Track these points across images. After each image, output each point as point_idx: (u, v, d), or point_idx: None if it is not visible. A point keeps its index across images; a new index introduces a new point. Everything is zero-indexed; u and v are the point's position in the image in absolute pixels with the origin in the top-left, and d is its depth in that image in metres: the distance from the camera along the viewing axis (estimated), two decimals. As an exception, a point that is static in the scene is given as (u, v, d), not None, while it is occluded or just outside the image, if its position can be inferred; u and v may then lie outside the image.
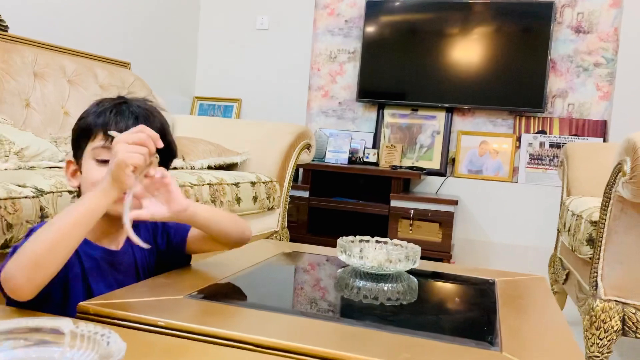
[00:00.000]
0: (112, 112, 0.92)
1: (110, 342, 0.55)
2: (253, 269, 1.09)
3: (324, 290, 1.04)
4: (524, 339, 0.78)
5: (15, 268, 0.76)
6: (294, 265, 1.24)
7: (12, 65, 1.88)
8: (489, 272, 1.21)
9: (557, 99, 3.20)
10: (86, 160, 0.92)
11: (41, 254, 0.76)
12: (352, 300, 0.97)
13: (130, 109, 0.93)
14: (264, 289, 1.01)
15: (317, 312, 0.88)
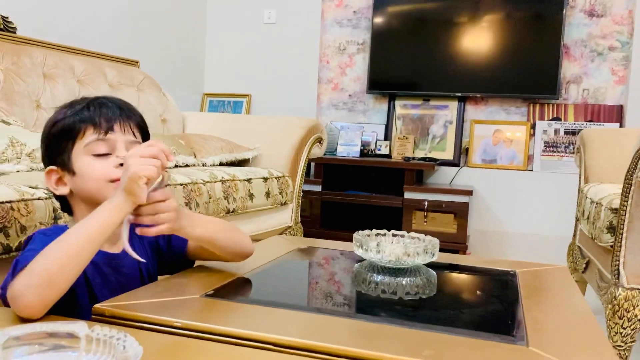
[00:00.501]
0: (94, 107, 0.91)
1: (126, 346, 0.53)
2: (268, 266, 1.08)
3: (341, 286, 1.02)
4: (550, 331, 0.76)
5: (26, 287, 0.73)
6: (310, 262, 1.22)
7: (22, 67, 1.87)
8: (508, 263, 1.19)
9: (571, 84, 3.14)
10: (80, 159, 0.90)
11: (54, 272, 0.74)
12: (370, 295, 0.95)
13: (110, 101, 0.94)
14: (280, 286, 1.00)
15: (335, 309, 0.86)
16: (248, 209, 1.99)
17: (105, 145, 0.90)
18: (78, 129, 0.90)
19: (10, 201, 1.14)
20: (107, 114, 0.91)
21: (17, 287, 0.73)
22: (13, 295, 0.73)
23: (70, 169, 0.91)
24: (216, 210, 1.80)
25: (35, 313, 0.73)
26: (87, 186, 0.90)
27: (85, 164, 0.90)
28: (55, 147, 0.92)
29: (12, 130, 1.56)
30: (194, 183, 1.71)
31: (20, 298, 0.72)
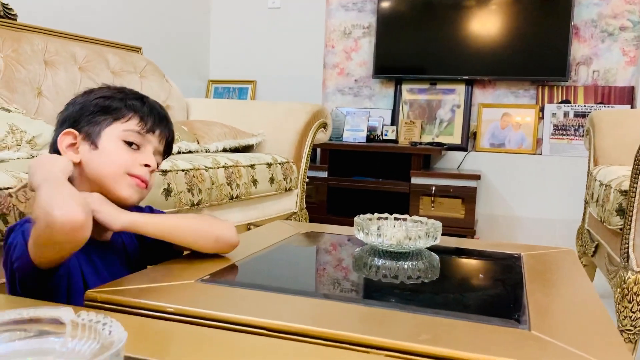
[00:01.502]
0: (147, 105, 0.95)
1: (112, 331, 0.52)
2: (268, 250, 1.06)
3: (341, 270, 1.00)
4: (554, 315, 0.74)
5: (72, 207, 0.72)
6: (310, 246, 1.21)
7: (22, 54, 1.86)
8: (514, 246, 1.16)
9: (581, 66, 3.08)
10: (111, 139, 0.91)
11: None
12: (371, 279, 0.93)
13: (160, 108, 0.98)
14: (278, 271, 0.98)
15: (333, 293, 0.84)
16: (252, 195, 1.97)
17: (140, 140, 0.93)
18: (124, 113, 0.93)
19: (8, 188, 1.13)
20: (155, 118, 0.95)
21: (59, 208, 0.70)
22: (61, 219, 0.70)
23: (94, 142, 0.91)
24: (219, 196, 1.78)
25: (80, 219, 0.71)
26: (104, 167, 0.90)
27: (114, 146, 0.91)
28: (89, 116, 0.93)
29: (13, 117, 1.54)
30: (196, 169, 1.69)
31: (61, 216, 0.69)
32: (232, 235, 0.96)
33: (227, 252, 0.97)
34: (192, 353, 0.59)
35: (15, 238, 0.80)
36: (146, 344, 0.61)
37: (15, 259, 0.77)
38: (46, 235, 0.71)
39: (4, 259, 0.84)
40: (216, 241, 0.94)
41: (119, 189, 0.90)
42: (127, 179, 0.90)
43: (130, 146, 0.92)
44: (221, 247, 0.95)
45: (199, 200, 1.68)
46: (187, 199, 1.63)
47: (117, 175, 0.90)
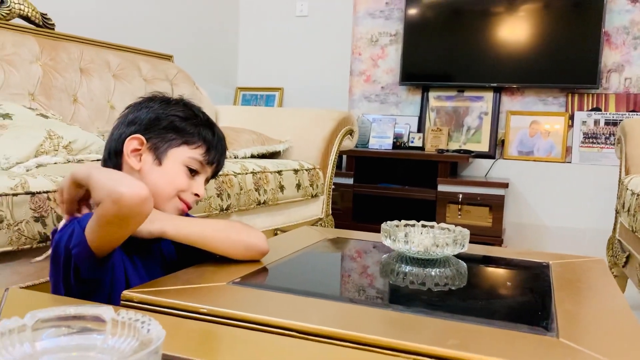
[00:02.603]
0: (217, 137, 1.01)
1: (150, 329, 0.54)
2: (296, 255, 1.08)
3: (368, 276, 1.01)
4: (583, 323, 0.74)
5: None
6: (338, 251, 1.22)
7: (60, 62, 1.92)
8: (542, 254, 1.16)
9: (612, 73, 3.03)
10: (175, 160, 0.96)
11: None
12: (398, 286, 0.94)
13: (222, 141, 1.03)
14: (307, 275, 1.00)
15: (361, 298, 0.85)
16: (279, 201, 2.00)
17: (200, 169, 0.98)
18: (195, 140, 0.97)
19: (47, 191, 1.17)
20: (219, 151, 1.01)
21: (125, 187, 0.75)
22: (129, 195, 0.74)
23: (159, 157, 0.95)
24: (247, 201, 1.81)
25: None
26: (161, 184, 0.94)
27: (178, 169, 0.96)
28: (162, 130, 0.96)
29: (50, 123, 1.60)
30: (225, 175, 1.72)
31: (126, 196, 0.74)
32: (262, 243, 0.97)
33: (257, 259, 0.98)
34: (225, 352, 0.61)
35: (68, 228, 0.83)
36: (181, 343, 0.63)
37: (73, 246, 0.81)
38: (113, 212, 0.75)
39: (51, 256, 0.87)
40: (246, 249, 0.96)
41: (165, 208, 0.95)
42: (175, 201, 0.96)
43: (190, 172, 0.97)
44: (251, 254, 0.97)
45: (227, 205, 1.71)
46: (216, 204, 1.66)
47: (170, 196, 0.95)
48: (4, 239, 1.08)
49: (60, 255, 0.84)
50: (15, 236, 1.10)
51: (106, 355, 0.54)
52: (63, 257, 0.83)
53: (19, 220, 1.10)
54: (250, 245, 0.96)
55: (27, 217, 1.12)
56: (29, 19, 1.95)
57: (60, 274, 0.84)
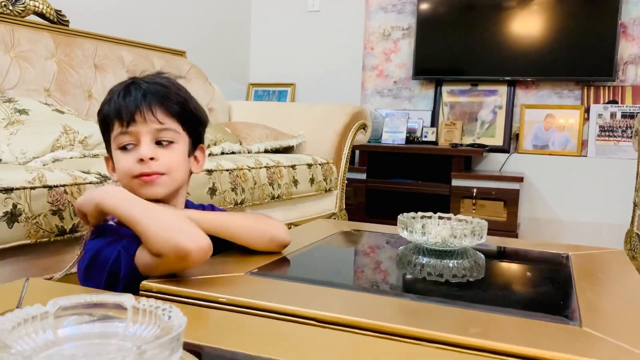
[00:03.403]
0: (121, 95, 0.90)
1: (171, 316, 0.54)
2: (313, 246, 1.07)
3: (385, 267, 1.01)
4: (605, 313, 0.73)
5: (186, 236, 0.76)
6: (354, 243, 1.22)
7: (74, 59, 1.94)
8: (561, 246, 1.14)
9: (629, 65, 2.99)
10: (114, 152, 0.93)
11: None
12: (416, 277, 0.94)
13: (138, 86, 0.91)
14: (324, 265, 1.00)
15: (380, 288, 0.85)
16: (293, 195, 1.99)
17: (128, 138, 0.90)
18: (109, 123, 0.91)
19: (64, 185, 1.18)
20: (129, 103, 0.88)
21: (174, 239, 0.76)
22: (175, 250, 0.75)
23: (113, 160, 0.95)
24: (261, 196, 1.81)
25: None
26: (120, 180, 0.93)
27: (116, 157, 0.92)
28: (103, 138, 0.97)
29: (66, 118, 1.61)
30: (239, 169, 1.72)
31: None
32: (285, 235, 0.97)
33: (279, 250, 0.97)
34: (244, 340, 0.60)
35: (112, 251, 0.83)
36: (201, 331, 0.64)
37: (123, 275, 0.82)
38: (180, 266, 0.78)
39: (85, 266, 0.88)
40: (270, 240, 0.95)
41: (138, 193, 0.88)
42: (136, 182, 0.90)
43: (127, 149, 0.90)
44: (275, 246, 0.96)
45: (242, 200, 1.71)
46: (230, 198, 1.66)
47: (128, 182, 0.91)
48: (22, 232, 1.08)
49: (102, 276, 0.84)
50: (34, 229, 1.11)
51: (128, 342, 0.54)
52: (105, 277, 0.84)
53: (37, 214, 1.11)
54: (274, 236, 0.95)
55: (45, 211, 1.13)
56: (43, 16, 1.96)
57: (100, 286, 0.85)
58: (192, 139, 0.98)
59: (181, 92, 0.96)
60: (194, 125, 0.98)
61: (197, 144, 1.00)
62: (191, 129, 0.97)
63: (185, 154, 0.96)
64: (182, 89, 0.97)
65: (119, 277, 0.82)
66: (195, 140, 0.99)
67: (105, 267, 0.84)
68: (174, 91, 0.94)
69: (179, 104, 0.93)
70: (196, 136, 0.99)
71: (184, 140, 0.95)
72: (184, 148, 0.95)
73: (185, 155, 0.96)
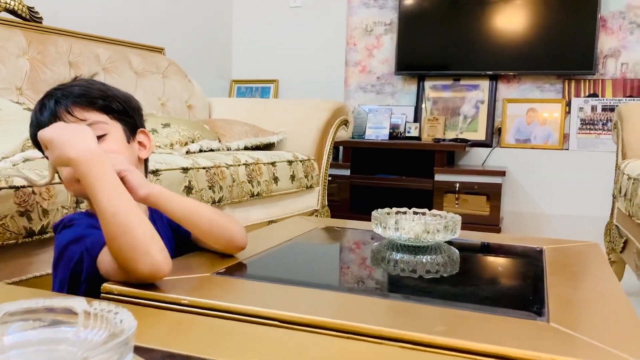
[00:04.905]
0: (38, 112, 0.90)
1: (122, 320, 0.52)
2: (285, 245, 1.06)
3: (357, 264, 0.99)
4: (575, 307, 0.72)
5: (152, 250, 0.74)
6: (328, 240, 1.20)
7: (47, 56, 1.90)
8: (536, 240, 1.14)
9: (609, 59, 3.00)
10: (58, 169, 0.89)
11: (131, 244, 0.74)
12: (387, 273, 0.92)
13: (51, 96, 0.90)
14: (294, 264, 0.98)
15: (348, 286, 0.83)
16: (273, 193, 1.97)
17: (43, 147, 0.84)
18: (39, 144, 0.86)
19: (32, 185, 1.15)
20: (46, 117, 0.88)
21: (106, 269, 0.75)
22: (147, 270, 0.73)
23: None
24: (240, 193, 1.79)
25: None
26: (71, 191, 0.92)
27: (60, 171, 0.89)
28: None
29: (37, 117, 1.58)
30: (217, 167, 1.70)
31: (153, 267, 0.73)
32: (244, 238, 0.93)
33: (234, 253, 0.94)
34: (203, 343, 0.59)
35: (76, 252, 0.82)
36: (159, 334, 0.62)
37: (83, 280, 0.80)
38: (144, 280, 0.75)
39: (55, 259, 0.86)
40: (229, 240, 0.91)
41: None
42: (74, 189, 0.87)
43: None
44: (232, 247, 0.93)
45: (220, 198, 1.69)
46: (208, 196, 1.64)
47: (76, 190, 0.87)
48: (-13, 234, 1.06)
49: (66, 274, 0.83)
50: (0, 231, 1.08)
51: (77, 347, 0.52)
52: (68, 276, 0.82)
53: (3, 215, 1.08)
54: (233, 237, 0.91)
55: (12, 212, 1.10)
56: (15, 13, 1.92)
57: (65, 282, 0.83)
58: (126, 125, 0.94)
59: (96, 85, 0.94)
60: (122, 111, 0.94)
61: (135, 128, 0.96)
62: (120, 116, 0.94)
63: (123, 141, 0.92)
64: (96, 83, 0.95)
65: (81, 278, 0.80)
66: (130, 126, 0.95)
67: (68, 266, 0.82)
68: (87, 87, 0.92)
69: (97, 97, 0.91)
70: (129, 121, 0.95)
71: (115, 129, 0.92)
72: (120, 136, 0.92)
73: (124, 142, 0.92)
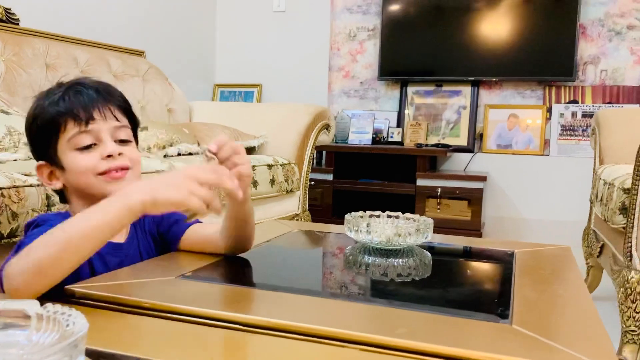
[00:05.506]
0: (71, 94, 0.87)
1: (75, 322, 0.51)
2: (257, 248, 1.05)
3: (326, 267, 0.99)
4: (539, 310, 0.72)
5: (17, 270, 0.69)
6: (300, 244, 1.19)
7: (24, 58, 1.88)
8: (509, 243, 1.14)
9: (588, 65, 3.04)
10: (66, 154, 0.87)
11: (46, 262, 0.69)
12: (356, 276, 0.92)
13: (85, 86, 0.89)
14: (263, 267, 0.97)
15: (312, 289, 0.83)
16: (252, 197, 1.96)
17: (89, 137, 0.87)
18: (58, 123, 0.86)
19: (1, 188, 1.13)
20: (84, 101, 0.87)
21: (10, 268, 0.70)
22: (5, 275, 0.71)
23: (59, 164, 0.88)
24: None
25: (23, 297, 0.69)
26: (77, 181, 0.88)
27: (71, 159, 0.87)
28: (40, 142, 0.89)
29: (11, 119, 1.56)
30: (194, 170, 1.69)
31: (10, 281, 0.70)
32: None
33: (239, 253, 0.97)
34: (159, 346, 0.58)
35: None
36: (117, 337, 0.61)
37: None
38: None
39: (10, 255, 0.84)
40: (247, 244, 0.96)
41: (102, 191, 0.85)
42: (100, 180, 0.86)
43: (86, 149, 0.87)
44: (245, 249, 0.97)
45: (197, 201, 1.68)
46: (184, 200, 1.62)
47: (90, 182, 0.86)
48: (-47, 237, 1.04)
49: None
50: (-34, 234, 1.06)
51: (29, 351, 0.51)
52: None
53: (-30, 218, 1.07)
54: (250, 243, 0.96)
55: (-21, 215, 1.08)
56: (-9, 14, 1.90)
57: None
58: (136, 138, 0.96)
59: (122, 94, 0.95)
60: (136, 124, 0.97)
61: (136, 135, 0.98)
62: (134, 128, 0.96)
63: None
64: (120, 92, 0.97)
65: None
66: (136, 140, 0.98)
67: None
68: (117, 90, 0.94)
69: (123, 100, 0.93)
70: (136, 136, 0.98)
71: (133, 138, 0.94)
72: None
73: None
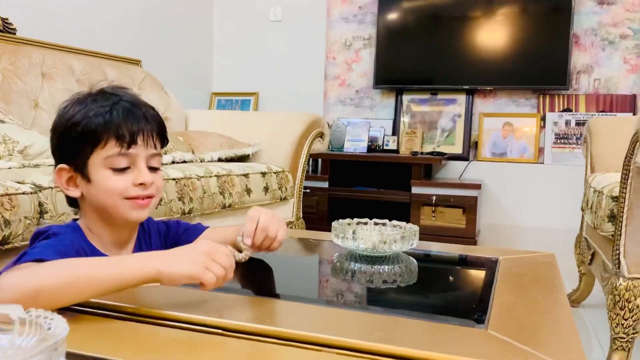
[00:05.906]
0: (119, 113, 0.86)
1: (57, 326, 0.53)
2: (245, 255, 1.06)
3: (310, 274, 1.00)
4: (516, 316, 0.73)
5: (11, 285, 0.68)
6: (287, 251, 1.21)
7: (20, 67, 1.90)
8: (494, 250, 1.16)
9: (582, 74, 3.07)
10: (98, 170, 0.86)
11: (45, 290, 0.68)
12: (338, 282, 0.93)
13: (135, 105, 0.89)
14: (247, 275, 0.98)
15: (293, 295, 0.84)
16: (245, 204, 1.98)
17: (126, 160, 0.87)
18: (100, 137, 0.85)
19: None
20: (132, 125, 0.86)
21: (7, 280, 0.70)
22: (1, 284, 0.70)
23: (86, 174, 0.87)
24: (211, 205, 1.79)
25: None
26: (101, 198, 0.87)
27: (102, 176, 0.86)
28: (71, 147, 0.87)
29: (6, 127, 1.57)
30: (187, 178, 1.70)
31: (2, 293, 0.69)
32: None
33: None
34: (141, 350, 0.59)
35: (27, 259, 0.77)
36: (100, 342, 0.62)
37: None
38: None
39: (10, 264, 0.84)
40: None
41: (124, 215, 0.88)
42: (126, 204, 0.87)
43: (120, 170, 0.86)
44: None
45: (190, 209, 1.69)
46: (177, 208, 1.64)
47: (116, 202, 0.87)
48: (-55, 244, 1.05)
49: None
50: (-42, 241, 1.08)
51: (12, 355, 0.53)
52: None
53: (-38, 225, 1.08)
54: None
55: (-28, 222, 1.10)
56: (-12, 24, 1.92)
57: None
58: None
59: (160, 117, 0.94)
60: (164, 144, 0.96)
61: None
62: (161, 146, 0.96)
63: None
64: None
65: None
66: None
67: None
68: (158, 114, 0.93)
69: (163, 126, 0.93)
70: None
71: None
72: None
73: None
